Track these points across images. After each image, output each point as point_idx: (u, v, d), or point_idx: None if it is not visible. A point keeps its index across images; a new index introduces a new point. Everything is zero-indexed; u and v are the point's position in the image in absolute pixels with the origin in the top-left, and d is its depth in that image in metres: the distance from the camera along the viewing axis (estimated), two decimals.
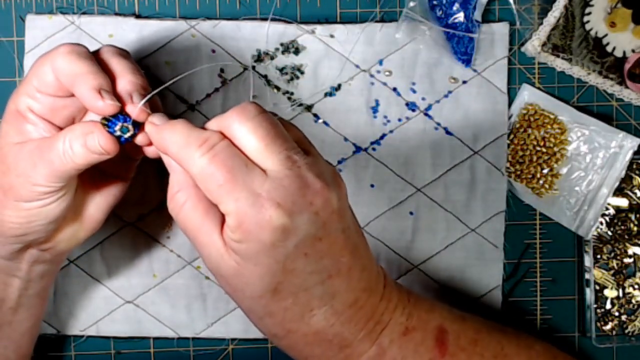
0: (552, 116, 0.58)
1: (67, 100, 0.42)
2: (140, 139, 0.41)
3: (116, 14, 0.56)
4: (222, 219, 0.39)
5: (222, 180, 0.36)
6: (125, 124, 0.40)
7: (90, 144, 0.40)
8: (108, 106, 0.39)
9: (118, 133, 0.40)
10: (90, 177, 0.46)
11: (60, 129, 0.43)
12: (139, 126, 0.41)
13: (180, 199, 0.39)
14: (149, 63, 0.56)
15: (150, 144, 0.41)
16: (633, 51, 0.56)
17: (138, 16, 0.56)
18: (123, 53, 0.43)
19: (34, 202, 0.42)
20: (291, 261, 0.38)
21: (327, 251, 0.39)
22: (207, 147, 0.37)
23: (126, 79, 0.41)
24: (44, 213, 0.43)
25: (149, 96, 0.41)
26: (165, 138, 0.39)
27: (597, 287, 0.59)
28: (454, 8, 0.56)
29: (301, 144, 0.40)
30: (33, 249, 0.46)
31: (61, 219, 0.44)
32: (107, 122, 0.40)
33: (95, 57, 0.42)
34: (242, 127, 0.38)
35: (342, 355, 0.42)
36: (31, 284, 0.48)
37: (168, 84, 0.43)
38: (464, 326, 0.47)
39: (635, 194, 0.59)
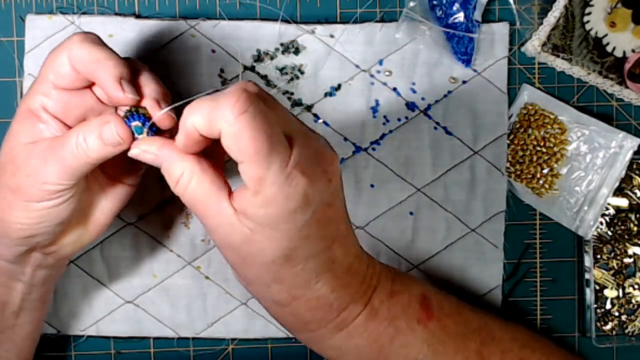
0: (552, 116, 0.58)
1: (80, 98, 0.42)
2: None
3: (116, 14, 0.56)
4: (228, 186, 0.40)
5: (259, 144, 0.36)
6: (139, 123, 0.41)
7: (105, 135, 0.40)
8: (127, 98, 0.40)
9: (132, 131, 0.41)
10: (97, 181, 0.46)
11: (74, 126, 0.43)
12: (153, 131, 0.41)
13: (185, 179, 0.39)
14: (149, 63, 0.55)
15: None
16: (633, 51, 0.56)
17: (138, 16, 0.56)
18: (145, 65, 0.44)
19: (44, 202, 0.42)
20: (307, 228, 0.39)
21: (333, 218, 0.41)
22: (243, 105, 0.36)
23: (151, 87, 0.42)
24: (53, 214, 0.43)
25: (174, 105, 0.42)
26: (193, 110, 0.37)
27: (597, 287, 0.59)
28: (454, 8, 0.56)
29: (293, 117, 0.42)
30: (37, 253, 0.46)
31: (68, 221, 0.44)
32: (125, 118, 0.41)
33: None
34: (256, 97, 0.37)
35: (339, 318, 0.43)
36: (34, 288, 0.48)
37: (192, 98, 0.43)
38: (447, 298, 0.50)
39: (635, 194, 0.59)
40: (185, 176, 0.39)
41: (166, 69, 0.56)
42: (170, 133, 0.43)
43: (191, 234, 0.57)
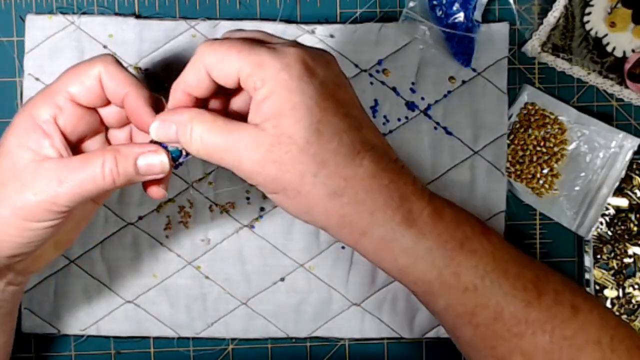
0: (552, 116, 0.58)
1: (90, 117, 0.42)
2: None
3: (116, 14, 0.56)
4: (237, 120, 0.39)
5: (243, 45, 0.38)
6: (176, 147, 0.41)
7: (144, 164, 0.40)
8: (159, 129, 0.40)
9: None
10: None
11: (72, 145, 0.42)
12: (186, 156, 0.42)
13: (196, 132, 0.39)
14: (149, 63, 0.56)
15: (157, 182, 0.42)
16: (633, 51, 0.56)
17: (138, 16, 0.56)
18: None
19: (45, 222, 0.40)
20: (322, 99, 0.38)
21: (349, 101, 0.40)
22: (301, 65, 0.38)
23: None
24: (47, 234, 0.41)
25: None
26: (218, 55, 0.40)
27: (597, 287, 0.59)
28: (454, 8, 0.56)
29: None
30: (11, 271, 0.45)
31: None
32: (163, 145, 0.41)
33: None
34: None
35: (403, 209, 0.40)
36: (4, 303, 0.47)
37: None
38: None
39: (635, 194, 0.59)
40: (196, 129, 0.39)
41: (166, 69, 0.56)
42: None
43: (191, 234, 0.57)
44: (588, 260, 0.58)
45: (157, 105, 0.42)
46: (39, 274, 0.56)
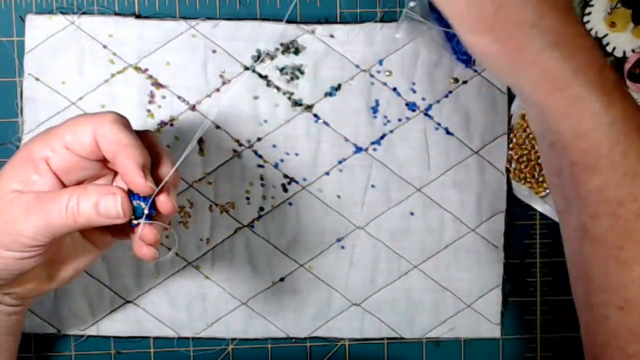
0: None
1: (87, 163, 0.42)
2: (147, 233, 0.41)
3: (116, 14, 0.56)
4: None
5: None
6: (141, 203, 0.40)
7: (104, 206, 0.40)
8: (147, 187, 0.40)
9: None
10: (71, 238, 0.45)
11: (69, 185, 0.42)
12: (151, 212, 0.41)
13: None
14: (149, 63, 0.56)
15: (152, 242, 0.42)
16: (633, 51, 0.56)
17: (138, 16, 0.56)
18: (153, 136, 0.44)
19: (13, 252, 0.40)
20: None
21: None
22: None
23: (168, 169, 0.42)
24: (20, 265, 0.41)
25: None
26: None
27: None
28: None
29: None
30: None
31: (31, 271, 0.43)
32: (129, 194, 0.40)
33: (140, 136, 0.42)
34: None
35: (603, 75, 0.39)
36: None
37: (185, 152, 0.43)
38: None
39: None
40: None
41: (166, 69, 0.56)
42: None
43: (191, 234, 0.57)
44: None
45: (156, 161, 0.42)
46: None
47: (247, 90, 0.56)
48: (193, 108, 0.56)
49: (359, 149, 0.57)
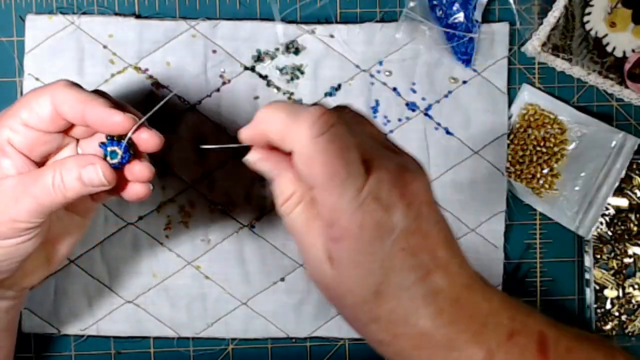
0: (552, 116, 0.58)
1: (48, 136, 0.42)
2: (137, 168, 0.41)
3: (116, 14, 0.56)
4: None
5: (334, 170, 0.34)
6: (114, 148, 0.40)
7: (87, 176, 0.40)
8: (127, 119, 0.39)
9: (108, 159, 0.40)
10: (56, 214, 0.45)
11: (37, 164, 0.42)
12: (127, 154, 0.41)
13: (293, 201, 0.38)
14: (149, 63, 0.56)
15: (145, 179, 0.41)
16: (633, 51, 0.56)
17: (138, 16, 0.56)
18: (107, 94, 0.43)
19: (13, 239, 0.41)
20: (389, 259, 0.37)
21: (423, 245, 0.38)
22: (322, 127, 0.34)
23: (129, 109, 0.41)
24: (21, 250, 0.42)
25: (145, 117, 0.41)
26: (268, 116, 0.36)
27: (597, 287, 0.59)
28: (454, 8, 0.56)
29: (380, 137, 0.39)
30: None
31: (31, 256, 0.43)
32: (101, 145, 0.40)
33: None
34: (345, 115, 0.36)
35: (449, 359, 0.39)
36: None
37: (155, 109, 0.43)
38: (560, 332, 0.44)
39: (635, 194, 0.59)
40: (294, 199, 0.38)
41: (166, 69, 0.56)
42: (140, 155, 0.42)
43: (191, 234, 0.57)
44: (588, 260, 0.58)
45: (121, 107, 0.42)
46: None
47: (247, 90, 0.56)
48: (193, 108, 0.56)
49: None
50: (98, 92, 0.42)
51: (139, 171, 0.41)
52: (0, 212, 0.40)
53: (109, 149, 0.40)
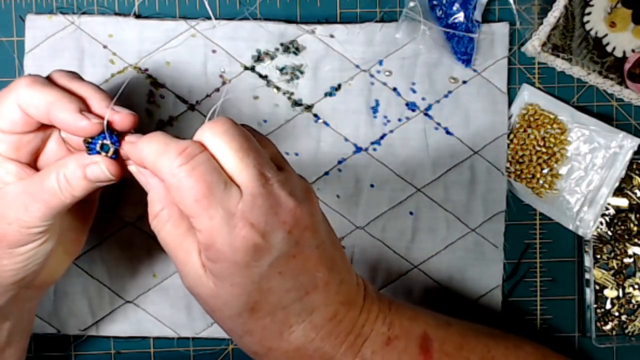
0: (552, 116, 0.58)
1: (30, 135, 0.41)
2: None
3: (116, 14, 0.56)
4: None
5: (199, 195, 0.36)
6: (105, 142, 0.40)
7: (92, 174, 0.40)
8: (94, 125, 0.39)
9: (102, 153, 0.40)
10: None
11: (28, 165, 0.42)
12: (117, 142, 0.41)
13: (163, 217, 0.39)
14: (149, 63, 0.56)
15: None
16: (633, 51, 0.56)
17: (138, 16, 0.56)
18: (76, 75, 0.43)
19: (29, 244, 0.41)
20: (266, 280, 0.38)
21: (302, 268, 0.39)
22: (186, 157, 0.36)
23: (97, 99, 0.41)
24: (40, 253, 0.42)
25: (114, 99, 0.41)
26: (142, 147, 0.38)
27: (597, 287, 0.59)
28: (454, 8, 0.56)
29: (275, 159, 0.40)
30: (24, 290, 0.45)
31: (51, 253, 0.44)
32: (89, 144, 0.40)
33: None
34: (215, 140, 0.37)
35: None
36: (20, 321, 0.47)
37: (122, 87, 0.44)
38: (449, 331, 0.47)
39: (635, 194, 0.59)
40: (163, 216, 0.39)
41: (166, 69, 0.56)
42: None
43: None
44: (588, 260, 0.58)
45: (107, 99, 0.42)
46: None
47: (247, 90, 0.56)
48: (193, 108, 0.56)
49: (358, 149, 0.57)
50: (75, 76, 0.42)
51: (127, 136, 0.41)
52: (13, 222, 0.40)
53: (97, 145, 0.40)
